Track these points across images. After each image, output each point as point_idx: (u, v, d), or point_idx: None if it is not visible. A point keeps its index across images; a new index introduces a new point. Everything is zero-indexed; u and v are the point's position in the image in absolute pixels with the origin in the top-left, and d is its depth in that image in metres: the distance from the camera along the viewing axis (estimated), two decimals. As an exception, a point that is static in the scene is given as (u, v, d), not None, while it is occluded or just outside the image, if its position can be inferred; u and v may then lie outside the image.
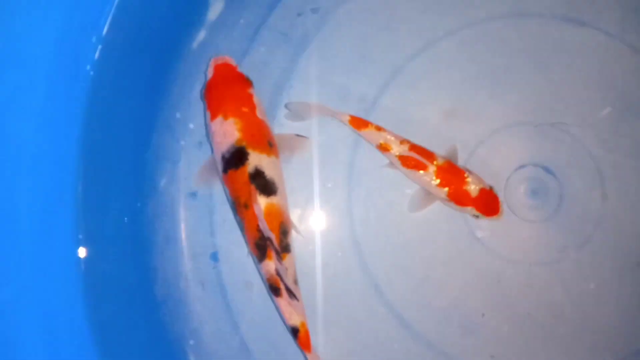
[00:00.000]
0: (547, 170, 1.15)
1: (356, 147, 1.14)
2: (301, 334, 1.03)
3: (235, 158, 1.01)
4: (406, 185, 1.13)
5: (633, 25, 1.16)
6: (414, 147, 1.09)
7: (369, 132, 1.10)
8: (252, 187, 1.00)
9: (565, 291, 1.13)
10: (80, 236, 0.95)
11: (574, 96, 1.15)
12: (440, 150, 1.11)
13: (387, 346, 1.11)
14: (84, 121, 0.96)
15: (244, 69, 1.09)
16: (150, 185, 1.08)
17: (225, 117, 1.03)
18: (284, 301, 1.02)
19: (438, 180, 1.09)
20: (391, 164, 1.11)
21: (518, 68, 1.15)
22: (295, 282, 1.04)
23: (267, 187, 1.01)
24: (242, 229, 1.03)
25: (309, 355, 1.04)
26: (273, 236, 1.00)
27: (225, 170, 1.02)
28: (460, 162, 1.13)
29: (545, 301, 1.13)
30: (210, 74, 1.07)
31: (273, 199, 1.01)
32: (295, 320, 1.03)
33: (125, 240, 1.03)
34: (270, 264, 1.01)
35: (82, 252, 0.95)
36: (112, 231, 1.02)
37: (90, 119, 0.96)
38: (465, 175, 1.09)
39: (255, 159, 1.01)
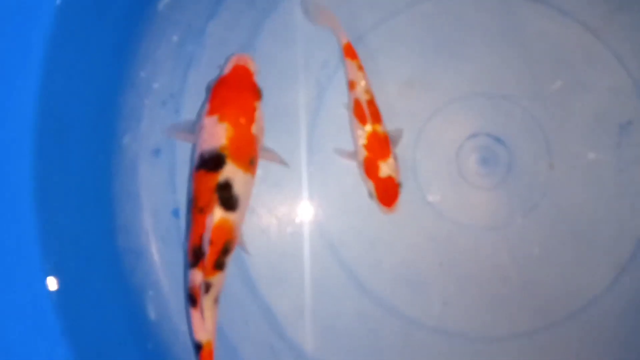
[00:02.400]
0: (497, 139, 1.20)
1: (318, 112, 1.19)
2: (204, 352, 1.02)
3: (213, 162, 1.01)
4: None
5: (586, 4, 1.21)
6: (371, 103, 1.13)
7: (352, 63, 1.13)
8: (215, 196, 0.99)
9: (511, 255, 1.19)
10: (40, 188, 0.97)
11: (527, 70, 1.20)
12: (391, 125, 1.16)
13: (340, 302, 1.16)
14: (44, 73, 0.96)
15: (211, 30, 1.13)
16: (113, 141, 1.11)
17: (221, 120, 1.02)
18: (197, 314, 1.01)
19: (365, 142, 1.12)
20: (347, 105, 1.15)
21: (474, 42, 1.20)
22: (216, 300, 1.03)
23: (229, 201, 1.00)
24: (187, 229, 1.04)
25: None
26: (207, 254, 0.98)
27: (197, 167, 1.02)
28: (413, 133, 1.18)
29: (492, 264, 1.18)
30: (226, 70, 1.07)
31: (230, 215, 1.01)
32: (202, 337, 1.02)
33: (88, 194, 1.07)
34: (198, 275, 0.99)
35: (40, 204, 0.96)
36: (74, 185, 1.04)
37: (51, 72, 0.97)
38: (389, 156, 1.12)
39: (230, 172, 1.01)
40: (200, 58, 1.16)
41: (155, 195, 1.14)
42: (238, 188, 1.01)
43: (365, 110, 1.13)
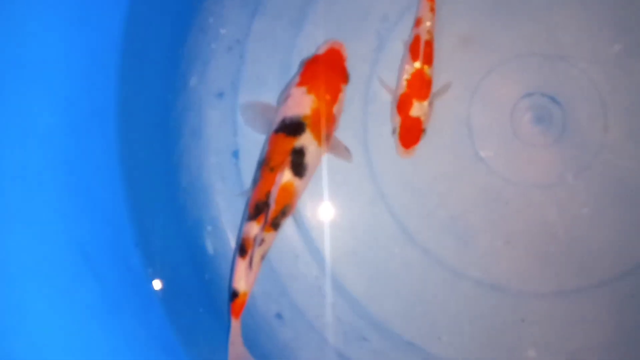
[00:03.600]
0: (552, 99, 1.21)
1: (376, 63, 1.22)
2: (238, 300, 1.06)
3: (293, 127, 1.07)
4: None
5: (651, -33, 1.21)
6: (428, 44, 1.16)
7: (427, 2, 1.16)
8: (289, 159, 1.05)
9: (560, 214, 1.20)
10: (120, 121, 1.06)
11: (586, 31, 1.20)
12: (445, 78, 1.18)
13: (388, 249, 1.20)
14: (128, 19, 1.05)
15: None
16: (181, 82, 1.17)
17: (309, 91, 1.09)
18: (243, 264, 1.06)
19: (409, 77, 1.15)
20: (405, 42, 1.18)
21: (534, 0, 1.21)
22: (263, 257, 1.08)
23: (299, 167, 1.06)
24: (254, 185, 1.09)
25: (234, 321, 1.06)
26: (273, 208, 1.04)
27: (277, 130, 1.08)
28: (469, 89, 1.20)
29: (540, 221, 1.20)
30: (321, 50, 1.14)
31: (296, 181, 1.06)
32: (240, 286, 1.06)
33: (157, 128, 1.14)
34: (255, 227, 1.05)
35: (120, 133, 1.04)
36: (146, 119, 1.12)
37: (134, 17, 1.06)
38: (426, 99, 1.15)
39: (307, 140, 1.07)
40: (265, 6, 1.21)
41: (217, 136, 1.20)
42: (309, 157, 1.07)
43: (421, 48, 1.15)
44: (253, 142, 1.20)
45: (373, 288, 1.20)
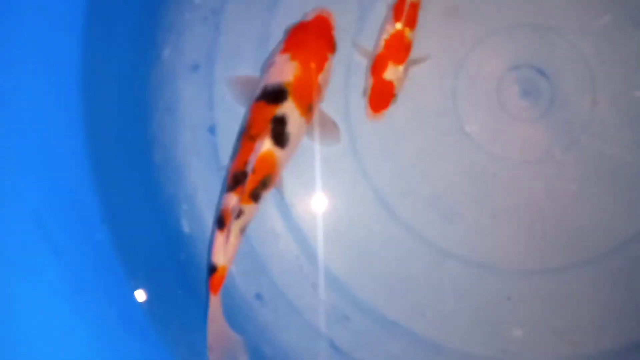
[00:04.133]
0: (540, 72, 1.17)
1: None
2: (217, 274, 1.02)
3: (275, 95, 1.03)
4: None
5: None
6: (413, 7, 1.11)
7: None
8: (269, 127, 1.01)
9: (547, 190, 1.17)
10: (85, 92, 1.01)
11: (575, 1, 1.17)
12: (430, 47, 1.14)
13: (370, 227, 1.17)
14: None
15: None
16: (154, 53, 1.12)
17: (292, 58, 1.05)
18: (221, 237, 1.01)
19: (388, 38, 1.11)
20: (389, 4, 1.13)
21: (522, -31, 1.17)
22: (243, 230, 1.04)
23: (280, 137, 1.02)
24: (233, 155, 1.05)
25: (212, 297, 1.03)
26: (248, 180, 0.99)
27: (259, 98, 1.04)
28: (454, 62, 1.16)
29: (527, 198, 1.17)
30: (308, 18, 1.09)
31: (277, 151, 1.02)
32: (219, 260, 1.02)
33: (127, 101, 1.09)
34: (233, 199, 1.01)
35: (86, 104, 1.00)
36: (116, 94, 1.07)
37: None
38: (402, 63, 1.11)
39: (289, 108, 1.02)
40: (243, -25, 1.16)
41: (193, 110, 1.16)
42: (291, 127, 1.03)
43: (405, 8, 1.11)
44: (230, 117, 1.15)
45: (355, 267, 1.17)
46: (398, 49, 1.11)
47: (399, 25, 1.11)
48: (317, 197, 1.17)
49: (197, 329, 1.05)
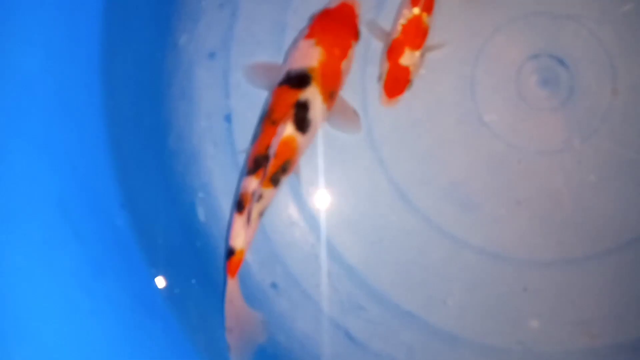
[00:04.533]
0: (560, 61, 1.16)
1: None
2: (234, 257, 1.02)
3: (298, 79, 1.02)
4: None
5: None
6: None
7: None
8: (292, 112, 1.00)
9: (566, 180, 1.16)
10: (104, 80, 1.00)
11: (596, -11, 1.15)
12: (448, 35, 1.12)
13: (386, 217, 1.16)
14: None
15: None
16: (170, 40, 1.11)
17: (317, 44, 1.04)
18: (240, 220, 1.01)
19: (405, 22, 1.10)
20: None
21: (542, -44, 1.15)
22: (261, 214, 1.03)
23: (302, 122, 1.01)
24: (254, 140, 1.04)
25: (229, 280, 1.02)
26: (273, 162, 0.99)
27: (281, 83, 1.03)
28: (473, 51, 1.15)
29: (545, 188, 1.16)
30: (332, 4, 1.09)
31: (298, 136, 1.01)
32: (237, 243, 1.02)
33: (144, 88, 1.08)
34: (253, 182, 1.00)
35: (105, 91, 0.99)
36: (133, 78, 1.06)
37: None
38: (419, 49, 1.09)
39: (312, 94, 1.02)
40: (260, -39, 1.15)
41: (209, 98, 1.15)
42: (313, 113, 1.02)
43: None
44: (246, 105, 1.15)
45: (371, 256, 1.16)
46: (415, 34, 1.10)
47: (416, 10, 1.09)
48: (333, 187, 1.16)
49: (214, 315, 1.05)
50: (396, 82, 1.11)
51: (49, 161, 0.90)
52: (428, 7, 1.10)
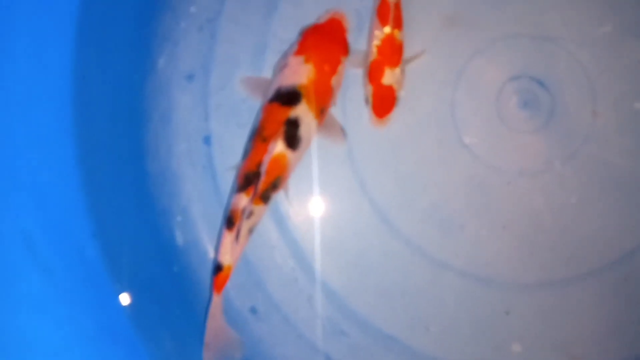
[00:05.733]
0: (540, 83, 1.16)
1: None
2: (222, 273, 1.02)
3: (288, 97, 1.02)
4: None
5: (642, -55, 1.16)
6: (397, 7, 1.10)
7: None
8: (282, 129, 1.00)
9: (547, 203, 1.15)
10: (77, 103, 0.99)
11: (574, 12, 1.15)
12: (429, 57, 1.13)
13: (367, 239, 1.15)
14: None
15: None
16: (149, 62, 1.11)
17: (307, 61, 1.04)
18: (230, 236, 1.01)
19: (379, 43, 1.10)
20: (372, 7, 1.12)
21: (522, -22, 1.16)
22: (250, 231, 1.04)
23: (293, 139, 1.01)
24: (244, 156, 1.04)
25: (215, 296, 1.02)
26: (264, 179, 1.00)
27: (271, 100, 1.03)
28: (453, 73, 1.15)
29: (526, 211, 1.15)
30: (321, 20, 1.09)
31: (288, 153, 1.01)
32: (225, 259, 1.02)
33: (122, 112, 1.07)
34: (244, 199, 1.00)
35: (77, 114, 0.98)
36: (109, 103, 1.05)
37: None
38: (398, 65, 1.10)
39: (302, 111, 1.02)
40: (240, -16, 1.14)
41: (187, 120, 1.14)
42: (303, 130, 1.02)
43: (391, 12, 1.09)
44: (226, 127, 1.14)
45: (352, 280, 1.15)
46: (391, 53, 1.10)
47: (387, 29, 1.10)
48: (314, 209, 1.15)
49: (191, 342, 1.03)
50: (383, 102, 1.11)
51: (14, 189, 0.88)
52: (397, 23, 1.10)
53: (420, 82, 1.14)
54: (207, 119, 1.14)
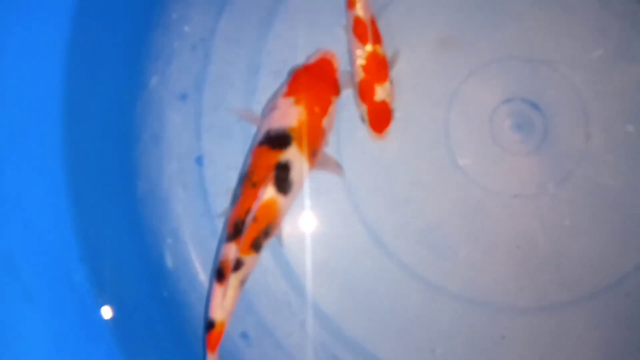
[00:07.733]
0: (533, 105, 1.16)
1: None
2: (215, 330, 0.97)
3: (278, 140, 0.99)
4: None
5: (634, -29, 1.17)
6: (372, 22, 1.09)
7: None
8: (272, 174, 0.97)
9: (541, 225, 1.14)
10: (66, 122, 0.97)
11: (568, 35, 1.16)
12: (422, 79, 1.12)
13: (361, 262, 1.13)
14: (76, 10, 0.96)
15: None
16: (141, 81, 1.09)
17: (297, 103, 1.02)
18: (220, 290, 0.97)
19: (364, 62, 1.09)
20: (345, 27, 1.11)
21: (515, 2, 1.16)
22: (243, 282, 1.00)
23: (284, 184, 0.98)
24: (233, 203, 1.01)
25: (209, 355, 0.98)
26: (248, 229, 0.95)
27: (261, 143, 1.00)
28: (446, 95, 1.14)
29: (520, 233, 1.14)
30: (312, 60, 1.08)
31: (279, 198, 0.98)
32: (217, 315, 0.97)
33: (112, 132, 1.05)
34: (233, 250, 0.96)
35: (66, 133, 0.95)
36: (99, 121, 1.03)
37: (83, 9, 0.97)
38: (386, 79, 1.09)
39: (293, 154, 0.99)
40: (233, 3, 1.13)
41: (180, 140, 1.12)
42: (295, 174, 0.99)
43: (368, 29, 1.08)
44: (218, 147, 1.12)
45: (345, 303, 1.13)
46: (377, 69, 1.09)
47: (369, 47, 1.09)
48: (307, 231, 1.13)
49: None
50: (380, 118, 1.10)
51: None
52: (377, 39, 1.10)
53: (414, 104, 1.14)
54: (199, 139, 1.13)
